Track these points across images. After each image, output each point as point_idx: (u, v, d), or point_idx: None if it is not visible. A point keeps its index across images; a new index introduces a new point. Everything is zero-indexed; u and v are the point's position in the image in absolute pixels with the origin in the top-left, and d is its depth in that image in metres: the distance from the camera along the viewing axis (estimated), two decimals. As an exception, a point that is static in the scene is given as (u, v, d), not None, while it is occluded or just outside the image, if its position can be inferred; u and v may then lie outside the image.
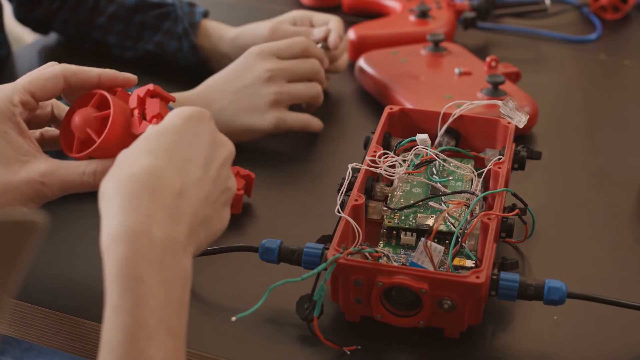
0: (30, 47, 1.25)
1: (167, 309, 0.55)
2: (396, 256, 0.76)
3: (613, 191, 0.91)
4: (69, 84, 0.72)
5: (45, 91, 0.71)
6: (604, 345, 0.71)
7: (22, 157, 0.69)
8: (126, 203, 0.57)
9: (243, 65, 0.96)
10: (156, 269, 0.55)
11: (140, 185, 0.58)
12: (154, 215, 0.57)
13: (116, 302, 0.54)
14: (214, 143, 0.64)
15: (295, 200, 0.91)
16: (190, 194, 0.60)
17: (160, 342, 0.54)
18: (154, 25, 1.13)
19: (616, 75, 1.21)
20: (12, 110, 0.69)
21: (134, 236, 0.56)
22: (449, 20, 1.22)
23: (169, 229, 0.57)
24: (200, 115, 0.64)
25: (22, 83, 0.71)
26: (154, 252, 0.56)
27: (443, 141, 0.85)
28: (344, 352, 0.69)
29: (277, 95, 0.95)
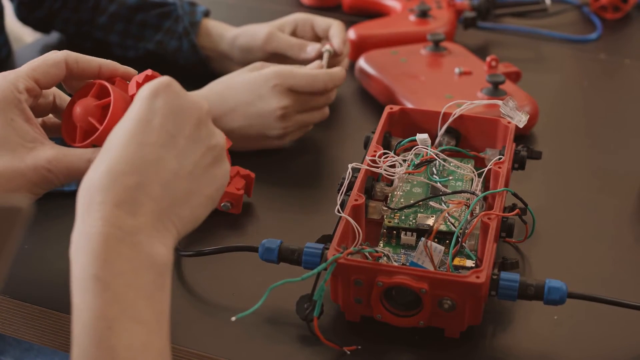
0: (31, 46, 1.25)
1: (129, 298, 0.56)
2: (396, 256, 0.76)
3: (613, 191, 0.91)
4: (71, 70, 0.73)
5: (49, 77, 0.72)
6: (604, 345, 0.71)
7: (29, 143, 0.69)
8: (82, 209, 0.59)
9: (257, 91, 0.93)
10: (111, 264, 0.57)
11: (93, 190, 0.59)
12: (105, 216, 0.58)
13: (78, 302, 0.56)
14: (178, 111, 0.62)
15: (296, 200, 0.91)
16: (151, 179, 0.60)
17: (122, 330, 0.55)
18: (155, 24, 1.13)
19: (616, 75, 1.21)
20: (18, 97, 0.69)
21: (88, 239, 0.57)
22: (449, 19, 1.22)
23: (124, 223, 0.58)
24: (157, 90, 0.62)
25: (25, 70, 0.71)
26: (108, 249, 0.57)
27: (443, 141, 0.85)
28: (344, 352, 0.69)
29: (287, 129, 0.95)
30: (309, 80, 0.94)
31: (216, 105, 0.93)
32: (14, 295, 0.76)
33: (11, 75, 0.70)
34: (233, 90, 0.94)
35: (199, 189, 0.63)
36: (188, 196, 0.62)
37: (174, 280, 0.77)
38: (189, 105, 0.63)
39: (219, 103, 0.94)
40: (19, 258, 0.80)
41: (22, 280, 0.77)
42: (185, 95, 0.64)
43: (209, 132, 0.64)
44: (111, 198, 0.58)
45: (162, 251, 0.59)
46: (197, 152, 0.63)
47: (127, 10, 1.14)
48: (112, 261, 0.57)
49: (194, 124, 0.63)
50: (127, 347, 0.55)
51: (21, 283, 0.77)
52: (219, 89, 0.95)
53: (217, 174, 0.65)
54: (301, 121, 0.96)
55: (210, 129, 0.65)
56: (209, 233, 0.84)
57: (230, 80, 0.95)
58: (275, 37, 1.05)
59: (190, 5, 1.13)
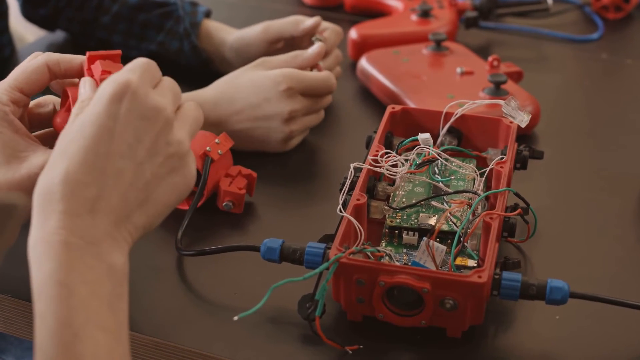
0: (35, 44, 1.25)
1: (94, 306, 0.56)
2: (398, 256, 0.76)
3: (615, 190, 0.91)
4: (54, 73, 0.72)
5: (32, 84, 0.72)
6: (606, 345, 0.71)
7: (21, 153, 0.69)
8: (41, 216, 0.59)
9: (265, 94, 0.93)
10: (76, 272, 0.57)
11: (53, 197, 0.59)
12: (67, 225, 0.58)
13: (41, 309, 0.56)
14: (141, 120, 0.62)
15: (297, 199, 0.91)
16: (109, 190, 0.60)
17: (88, 337, 0.55)
18: (157, 24, 1.13)
19: (618, 75, 1.21)
20: (3, 110, 0.69)
21: (50, 247, 0.57)
22: (451, 19, 1.22)
23: (86, 234, 0.58)
24: (119, 94, 0.61)
25: (8, 82, 0.71)
26: (72, 257, 0.57)
27: (445, 140, 0.85)
28: (345, 352, 0.69)
29: (293, 132, 0.95)
30: (318, 81, 0.95)
31: (223, 107, 0.93)
32: (15, 295, 0.76)
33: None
34: (240, 92, 0.94)
35: (156, 198, 0.63)
36: (144, 205, 0.62)
37: (176, 279, 0.78)
38: (151, 114, 0.62)
39: (226, 105, 0.93)
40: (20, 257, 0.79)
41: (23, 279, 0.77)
42: (148, 101, 0.62)
43: (169, 140, 0.63)
44: (71, 208, 0.58)
45: (120, 260, 0.60)
46: (155, 162, 0.62)
47: (129, 10, 1.14)
48: (77, 269, 0.57)
49: (154, 134, 0.62)
50: (93, 355, 0.55)
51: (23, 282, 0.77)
52: (226, 89, 0.95)
53: (177, 181, 0.64)
54: (304, 124, 0.96)
55: (170, 137, 0.63)
56: (210, 232, 0.84)
57: (237, 80, 0.95)
58: (271, 25, 1.06)
59: (191, 6, 1.13)
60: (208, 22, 1.12)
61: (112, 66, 0.71)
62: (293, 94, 0.93)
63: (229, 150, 0.86)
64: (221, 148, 0.85)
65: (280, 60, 0.96)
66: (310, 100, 0.95)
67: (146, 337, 0.71)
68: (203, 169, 0.82)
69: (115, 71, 0.68)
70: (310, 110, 0.96)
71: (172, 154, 0.64)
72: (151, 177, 0.62)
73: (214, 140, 0.85)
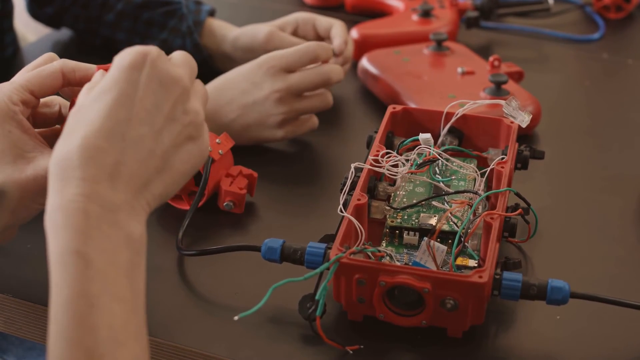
0: (38, 43, 1.25)
1: (110, 276, 0.56)
2: (399, 256, 0.76)
3: (616, 190, 0.91)
4: (68, 80, 0.72)
5: (45, 88, 0.71)
6: (607, 345, 0.71)
7: (28, 154, 0.69)
8: (59, 184, 0.58)
9: (252, 79, 0.94)
10: (93, 241, 0.56)
11: (71, 164, 0.58)
12: (86, 192, 0.57)
13: (57, 279, 0.55)
14: (160, 87, 0.62)
15: (298, 199, 0.91)
16: (129, 156, 0.59)
17: (104, 308, 0.55)
18: (160, 22, 1.13)
19: (619, 75, 1.21)
20: (13, 109, 0.69)
21: (68, 214, 0.56)
22: (452, 19, 1.22)
23: (105, 201, 0.58)
24: (139, 62, 0.61)
25: (20, 81, 0.71)
26: (90, 226, 0.56)
27: (446, 140, 0.85)
28: (346, 352, 0.69)
29: (287, 114, 0.94)
30: (299, 53, 0.94)
31: (214, 99, 0.94)
32: (16, 295, 0.76)
33: (6, 88, 0.70)
34: (230, 83, 0.95)
35: (173, 166, 0.63)
36: (162, 173, 0.62)
37: (177, 279, 0.78)
38: (170, 82, 0.62)
39: (216, 97, 0.94)
40: (21, 257, 0.80)
41: (24, 279, 0.77)
42: (167, 69, 0.62)
43: (187, 109, 0.63)
44: (90, 174, 0.57)
45: (138, 229, 0.59)
46: (174, 130, 0.62)
47: (133, 8, 1.15)
48: (95, 238, 0.56)
49: (173, 102, 0.62)
50: (109, 326, 0.54)
51: (24, 282, 0.77)
52: (217, 84, 0.96)
53: (193, 150, 0.64)
54: (300, 108, 0.95)
55: (188, 106, 0.64)
56: (211, 232, 0.84)
57: (229, 74, 0.97)
58: (275, 36, 1.05)
59: (195, 4, 1.13)
60: (211, 21, 1.12)
61: None
62: (277, 72, 0.93)
63: (230, 150, 0.87)
64: (222, 148, 0.85)
65: None
66: (297, 77, 0.93)
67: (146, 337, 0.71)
68: (204, 169, 0.82)
69: None
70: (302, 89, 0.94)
71: (189, 122, 0.63)
72: (169, 145, 0.62)
73: (215, 140, 0.85)
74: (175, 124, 0.62)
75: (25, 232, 0.74)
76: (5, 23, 1.16)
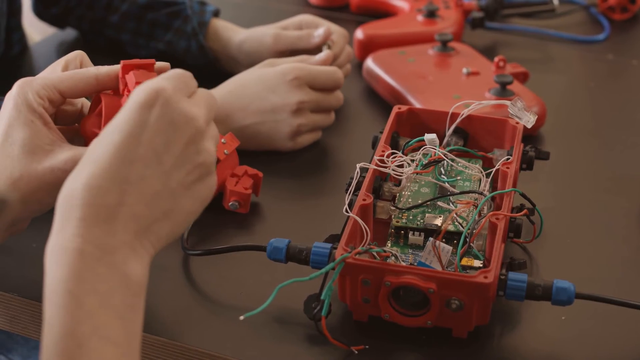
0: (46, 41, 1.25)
1: (101, 318, 0.56)
2: (404, 256, 0.76)
3: (621, 191, 0.91)
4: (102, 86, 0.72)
5: (76, 91, 0.72)
6: (612, 346, 0.71)
7: (47, 145, 0.69)
8: (60, 222, 0.58)
9: (273, 85, 0.94)
10: (86, 282, 0.56)
11: (73, 203, 0.58)
12: (83, 233, 0.57)
13: (49, 315, 0.55)
14: (170, 126, 0.60)
15: (303, 199, 0.91)
16: (132, 198, 0.58)
17: (93, 349, 0.54)
18: (165, 23, 1.13)
19: (624, 76, 1.21)
20: (38, 101, 0.70)
21: (64, 254, 0.56)
22: (457, 20, 1.22)
23: (101, 242, 0.57)
24: (151, 100, 0.60)
25: (52, 79, 0.71)
26: (84, 267, 0.56)
27: (451, 141, 0.85)
28: (351, 352, 0.69)
29: (301, 127, 0.95)
30: (325, 73, 0.96)
31: (229, 103, 0.94)
32: (22, 294, 0.76)
33: (36, 82, 0.70)
34: (247, 88, 0.95)
35: (181, 207, 0.61)
36: (168, 214, 0.61)
37: (182, 278, 0.78)
38: (182, 122, 0.61)
39: (232, 100, 0.94)
40: (27, 257, 0.80)
41: (30, 279, 0.77)
42: (180, 108, 0.61)
43: (199, 149, 0.62)
44: (90, 215, 0.57)
45: (139, 271, 0.59)
46: (183, 171, 0.61)
47: (138, 9, 1.15)
48: (88, 279, 0.56)
49: (184, 143, 0.61)
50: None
51: (29, 281, 0.77)
52: (233, 87, 0.95)
53: (201, 190, 0.63)
54: (314, 121, 0.96)
55: (201, 146, 0.62)
56: (216, 232, 0.84)
57: (244, 79, 0.96)
58: (282, 37, 1.06)
59: (199, 5, 1.13)
60: (216, 22, 1.12)
61: (146, 76, 0.70)
62: (300, 85, 0.94)
63: (235, 150, 0.87)
64: (227, 148, 0.85)
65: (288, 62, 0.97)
66: (318, 94, 0.95)
67: (152, 336, 0.71)
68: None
69: None
70: (319, 106, 0.96)
71: (200, 163, 0.62)
72: (178, 186, 0.61)
73: (220, 140, 0.85)
74: (185, 164, 0.61)
75: (31, 231, 0.74)
76: (12, 21, 1.16)
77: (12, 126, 0.69)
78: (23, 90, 0.70)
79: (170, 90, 0.61)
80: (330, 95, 0.97)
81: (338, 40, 1.07)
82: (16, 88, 0.70)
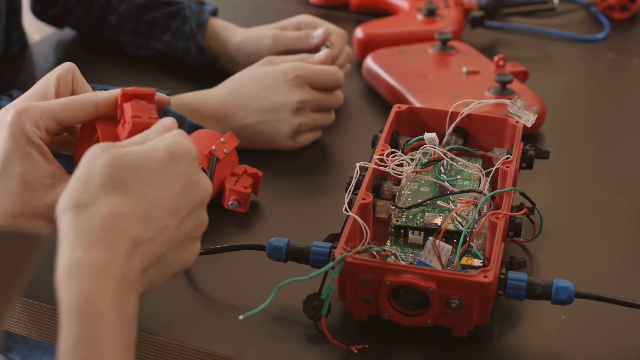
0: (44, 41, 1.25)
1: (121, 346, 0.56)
2: (404, 255, 0.76)
3: (621, 190, 0.91)
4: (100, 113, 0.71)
5: (74, 121, 0.70)
6: (612, 345, 0.71)
7: (46, 179, 0.67)
8: (83, 241, 0.58)
9: (274, 84, 0.94)
10: (116, 307, 0.57)
11: (98, 225, 0.58)
12: (110, 259, 0.57)
13: (76, 333, 0.55)
14: (190, 187, 0.63)
15: (303, 198, 0.91)
16: (149, 239, 0.60)
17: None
18: (164, 23, 1.13)
19: (624, 75, 1.21)
20: (35, 132, 0.67)
21: (92, 274, 0.56)
22: (457, 19, 1.21)
23: (125, 271, 0.58)
24: (183, 155, 0.63)
25: (51, 109, 0.68)
26: (113, 292, 0.57)
27: (451, 140, 0.85)
28: (351, 351, 0.69)
29: (301, 126, 0.95)
30: (326, 73, 0.95)
31: (230, 102, 0.93)
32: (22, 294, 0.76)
33: (33, 111, 0.67)
34: (247, 87, 0.95)
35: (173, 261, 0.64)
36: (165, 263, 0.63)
37: (181, 278, 0.78)
38: (201, 183, 0.65)
39: (233, 100, 0.94)
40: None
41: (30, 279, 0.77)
42: (200, 171, 0.65)
43: (199, 214, 0.65)
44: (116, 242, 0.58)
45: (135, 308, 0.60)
46: (186, 229, 0.64)
47: (136, 9, 1.15)
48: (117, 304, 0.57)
49: (195, 205, 0.64)
50: None
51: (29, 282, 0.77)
52: (233, 87, 0.95)
53: (190, 253, 0.65)
54: (314, 121, 0.96)
55: (203, 213, 0.66)
56: (216, 231, 0.84)
57: (244, 77, 0.96)
58: (281, 37, 1.05)
59: (198, 5, 1.12)
60: (215, 21, 1.12)
61: (144, 109, 0.70)
62: (301, 84, 0.94)
63: (235, 149, 0.87)
64: (227, 147, 0.85)
65: (287, 61, 0.97)
66: (319, 94, 0.95)
67: (151, 335, 0.71)
68: (209, 168, 0.83)
69: (147, 115, 0.69)
70: (319, 106, 0.96)
71: (199, 226, 0.65)
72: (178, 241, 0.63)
73: (220, 139, 0.85)
74: (190, 224, 0.64)
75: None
76: (12, 20, 1.16)
77: (9, 159, 0.66)
78: (20, 120, 0.67)
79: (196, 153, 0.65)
80: (330, 95, 0.97)
81: (337, 41, 1.06)
82: (12, 117, 0.67)
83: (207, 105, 0.94)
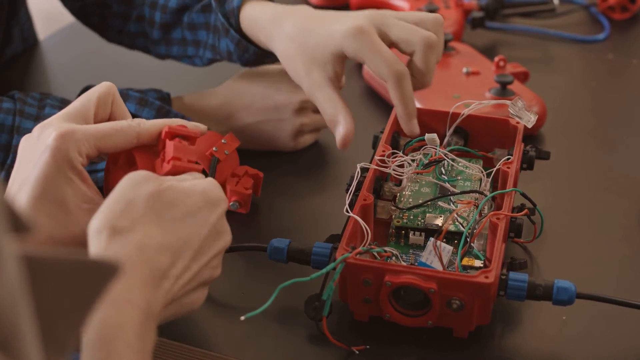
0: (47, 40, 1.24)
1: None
2: (405, 256, 0.76)
3: (622, 191, 0.91)
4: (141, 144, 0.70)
5: (115, 148, 0.69)
6: (612, 346, 0.71)
7: (85, 204, 0.66)
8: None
9: (276, 82, 0.93)
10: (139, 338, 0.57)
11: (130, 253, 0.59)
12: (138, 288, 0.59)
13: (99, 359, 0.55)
14: (216, 235, 0.65)
15: (304, 199, 0.91)
16: (174, 276, 0.61)
17: None
18: (202, 22, 0.95)
19: (624, 75, 1.21)
20: (77, 158, 0.66)
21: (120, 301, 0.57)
22: (457, 19, 1.22)
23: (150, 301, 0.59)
24: (215, 204, 0.65)
25: (94, 135, 0.67)
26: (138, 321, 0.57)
27: (452, 141, 0.85)
28: (352, 352, 0.70)
29: (303, 126, 0.95)
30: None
31: (234, 101, 0.93)
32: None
33: (77, 135, 0.66)
34: (251, 87, 0.94)
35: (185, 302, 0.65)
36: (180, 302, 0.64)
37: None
38: (225, 232, 0.66)
39: (236, 98, 0.93)
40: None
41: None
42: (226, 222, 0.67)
43: (217, 263, 0.67)
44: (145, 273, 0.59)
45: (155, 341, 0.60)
46: (203, 276, 0.65)
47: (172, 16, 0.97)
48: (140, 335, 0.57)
49: (216, 252, 0.65)
50: None
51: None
52: (236, 86, 0.95)
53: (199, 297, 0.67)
54: (316, 121, 0.96)
55: (219, 261, 0.67)
56: (217, 232, 0.84)
57: (248, 76, 0.95)
58: None
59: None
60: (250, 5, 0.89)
61: (186, 151, 0.69)
62: None
63: (236, 150, 0.87)
64: (227, 148, 0.85)
65: None
66: None
67: (153, 336, 0.71)
68: (209, 169, 0.83)
69: (188, 158, 0.69)
70: None
71: (212, 274, 0.66)
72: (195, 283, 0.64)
73: (221, 140, 0.85)
74: (207, 270, 0.65)
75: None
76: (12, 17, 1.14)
77: (51, 183, 0.65)
78: (65, 145, 0.65)
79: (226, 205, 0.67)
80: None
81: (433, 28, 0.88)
82: (55, 140, 0.65)
83: (209, 105, 0.94)
